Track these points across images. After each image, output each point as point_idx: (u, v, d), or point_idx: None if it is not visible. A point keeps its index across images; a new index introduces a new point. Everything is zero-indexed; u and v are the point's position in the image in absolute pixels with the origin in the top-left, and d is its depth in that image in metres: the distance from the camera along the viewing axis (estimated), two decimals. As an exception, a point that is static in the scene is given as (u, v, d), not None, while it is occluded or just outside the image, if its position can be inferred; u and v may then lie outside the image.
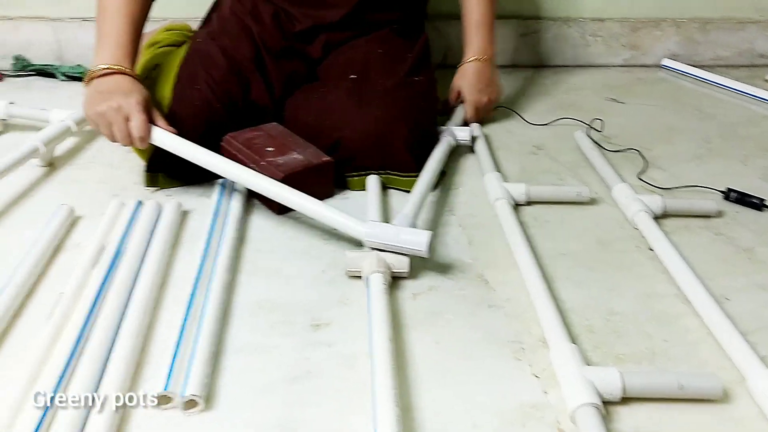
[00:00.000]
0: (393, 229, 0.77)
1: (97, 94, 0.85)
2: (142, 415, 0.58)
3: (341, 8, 1.06)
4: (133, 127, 0.84)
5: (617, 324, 0.72)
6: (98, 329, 0.64)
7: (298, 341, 0.68)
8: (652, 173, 1.07)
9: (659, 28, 1.59)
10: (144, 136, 0.85)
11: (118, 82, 0.86)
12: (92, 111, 0.85)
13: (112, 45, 0.89)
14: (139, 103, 0.85)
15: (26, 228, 0.84)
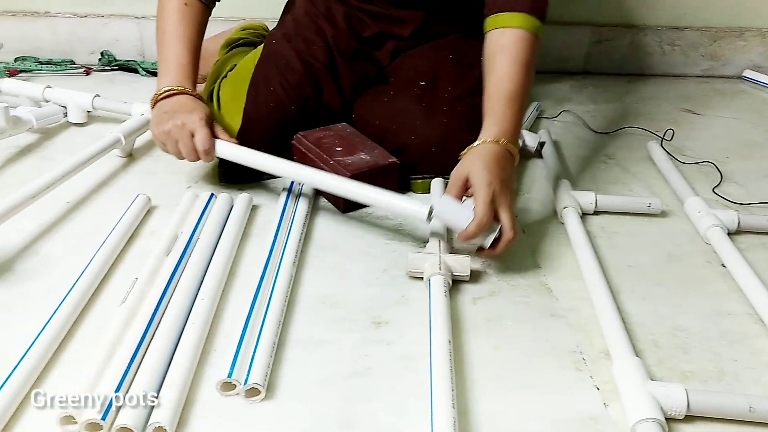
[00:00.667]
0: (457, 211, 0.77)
1: (162, 115, 0.89)
2: (204, 401, 0.60)
3: (410, 24, 1.07)
4: (197, 141, 0.87)
5: (684, 340, 0.70)
6: (169, 315, 0.67)
7: (358, 338, 0.69)
8: (727, 188, 1.04)
9: (742, 38, 1.53)
10: (208, 149, 0.88)
11: (180, 102, 0.90)
12: (158, 131, 0.88)
13: (172, 69, 0.92)
14: (201, 119, 0.88)
15: (105, 215, 0.88)
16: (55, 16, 1.46)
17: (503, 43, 0.86)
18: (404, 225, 0.90)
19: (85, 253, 0.77)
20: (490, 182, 0.76)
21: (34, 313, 0.68)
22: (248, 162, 0.89)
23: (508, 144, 0.82)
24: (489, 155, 0.80)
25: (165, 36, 0.94)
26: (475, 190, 0.77)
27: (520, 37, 0.85)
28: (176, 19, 0.94)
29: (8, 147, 1.06)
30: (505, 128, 0.83)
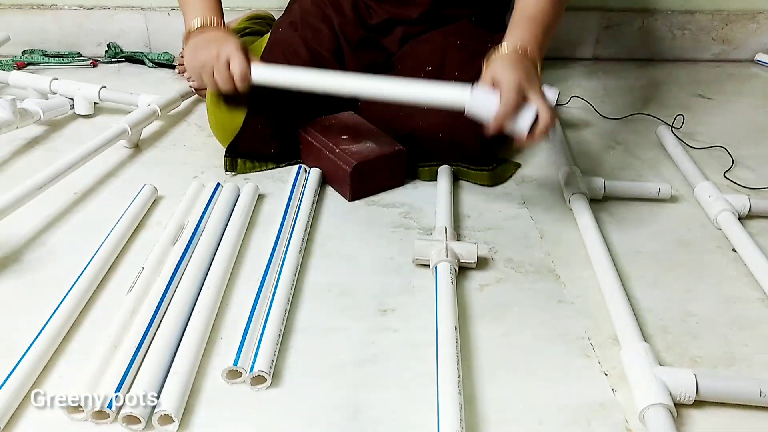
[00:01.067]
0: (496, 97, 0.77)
1: (196, 48, 0.90)
2: (210, 390, 0.60)
3: (419, 6, 1.05)
4: (233, 68, 0.87)
5: (694, 326, 0.69)
6: (174, 304, 0.67)
7: (364, 325, 0.68)
8: (739, 172, 1.02)
9: (755, 21, 1.50)
10: (244, 75, 0.87)
11: (212, 34, 0.91)
12: (194, 63, 0.89)
13: (198, 7, 0.93)
14: (236, 48, 0.88)
15: (112, 205, 0.88)
16: (62, 9, 1.46)
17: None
18: (411, 213, 0.90)
19: (91, 243, 0.77)
20: (515, 73, 0.76)
21: (42, 303, 0.68)
22: (287, 81, 0.88)
23: (531, 51, 0.82)
24: (512, 58, 0.80)
25: None
26: (500, 82, 0.76)
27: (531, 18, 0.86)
28: None
29: (16, 139, 1.07)
30: (527, 39, 0.83)
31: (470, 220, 0.89)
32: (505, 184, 0.98)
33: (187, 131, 1.13)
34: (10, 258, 0.77)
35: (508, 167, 1.01)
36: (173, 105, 1.16)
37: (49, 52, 1.47)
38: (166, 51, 1.49)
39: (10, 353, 0.61)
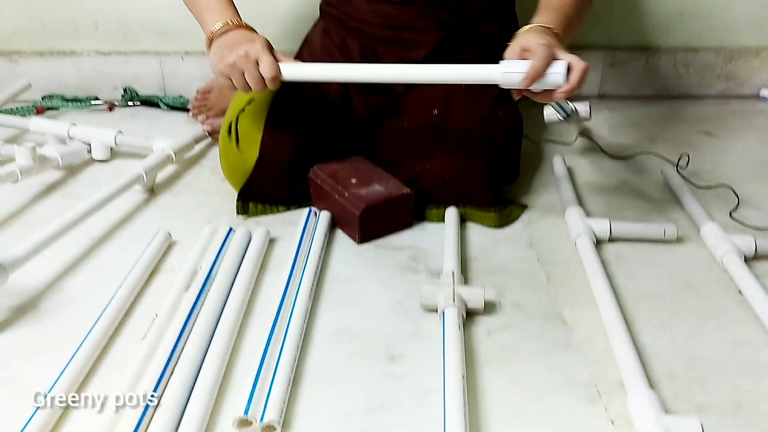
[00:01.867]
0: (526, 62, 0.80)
1: (223, 49, 0.89)
2: (223, 436, 0.61)
3: (424, 47, 1.08)
4: (263, 68, 0.86)
5: (701, 371, 0.70)
6: (187, 352, 0.69)
7: (373, 372, 0.69)
8: (745, 211, 1.03)
9: (759, 57, 1.52)
10: (275, 75, 0.86)
11: (238, 34, 0.90)
12: (222, 65, 0.87)
13: (218, 9, 0.93)
14: (264, 47, 0.87)
15: (127, 250, 0.90)
16: (80, 55, 1.51)
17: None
18: (418, 256, 0.91)
19: (107, 289, 0.79)
20: (543, 38, 0.82)
21: (58, 349, 0.70)
22: (319, 76, 0.89)
23: (554, 30, 0.87)
24: (538, 29, 0.86)
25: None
26: (530, 44, 0.81)
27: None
28: None
29: (35, 184, 1.10)
30: (551, 22, 0.88)
31: (478, 262, 0.90)
32: (513, 225, 0.99)
33: (201, 175, 1.16)
34: (28, 304, 0.79)
35: (514, 208, 1.02)
36: (187, 149, 1.19)
37: (67, 96, 1.51)
38: (180, 95, 1.52)
39: (28, 399, 0.62)
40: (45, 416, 0.60)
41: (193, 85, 1.45)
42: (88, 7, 1.47)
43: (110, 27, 1.49)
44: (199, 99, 1.38)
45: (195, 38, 1.49)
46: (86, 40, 1.50)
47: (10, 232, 0.97)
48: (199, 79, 1.46)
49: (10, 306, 0.78)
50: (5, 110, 1.39)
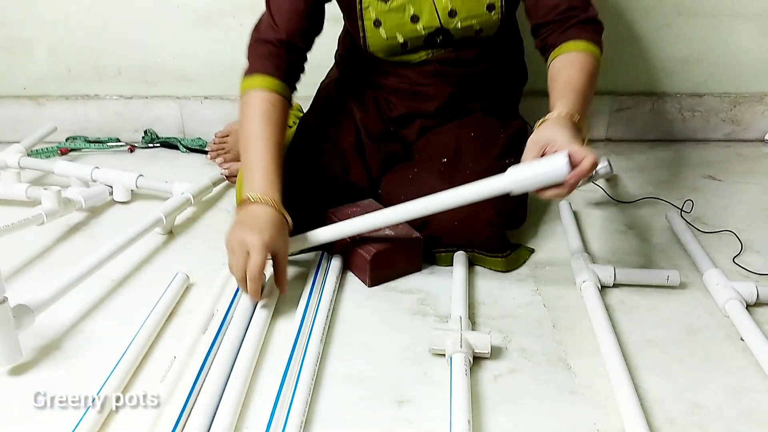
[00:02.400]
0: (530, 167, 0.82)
1: (237, 224, 0.89)
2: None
3: (436, 100, 1.13)
4: (249, 264, 0.85)
5: (702, 418, 0.72)
6: (203, 395, 0.71)
7: (382, 416, 0.72)
8: (748, 257, 1.05)
9: (762, 103, 1.55)
10: (254, 275, 0.84)
11: (257, 215, 0.89)
12: (228, 238, 0.88)
13: (257, 174, 0.93)
14: (263, 244, 0.85)
15: (147, 292, 0.94)
16: (104, 99, 1.57)
17: (569, 60, 0.97)
18: (427, 300, 0.94)
19: (127, 331, 0.83)
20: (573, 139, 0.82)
21: (80, 390, 0.73)
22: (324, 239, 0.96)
23: (578, 120, 0.88)
24: (566, 123, 0.86)
25: (251, 139, 0.95)
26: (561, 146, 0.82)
27: (583, 55, 0.97)
28: (263, 121, 0.96)
29: (59, 226, 1.14)
30: (574, 108, 0.89)
31: (485, 307, 0.92)
32: (519, 269, 1.02)
33: (218, 217, 1.20)
34: (51, 346, 0.83)
35: (522, 253, 1.05)
36: (205, 192, 1.23)
37: (90, 138, 1.57)
38: (198, 137, 1.58)
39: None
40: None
41: (211, 128, 1.51)
42: (112, 53, 1.54)
43: (133, 72, 1.55)
44: (217, 142, 1.43)
45: (213, 83, 1.56)
46: (110, 84, 1.57)
47: (35, 273, 1.01)
48: (217, 122, 1.51)
49: (35, 347, 0.82)
50: (32, 152, 1.45)
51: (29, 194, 1.18)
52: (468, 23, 1.06)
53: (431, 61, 1.11)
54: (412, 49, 1.10)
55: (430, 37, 1.08)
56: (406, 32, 1.07)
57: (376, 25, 1.06)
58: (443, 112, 1.16)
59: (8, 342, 0.75)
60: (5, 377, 0.77)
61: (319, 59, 1.41)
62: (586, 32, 0.99)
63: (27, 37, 1.53)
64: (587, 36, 0.99)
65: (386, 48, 1.09)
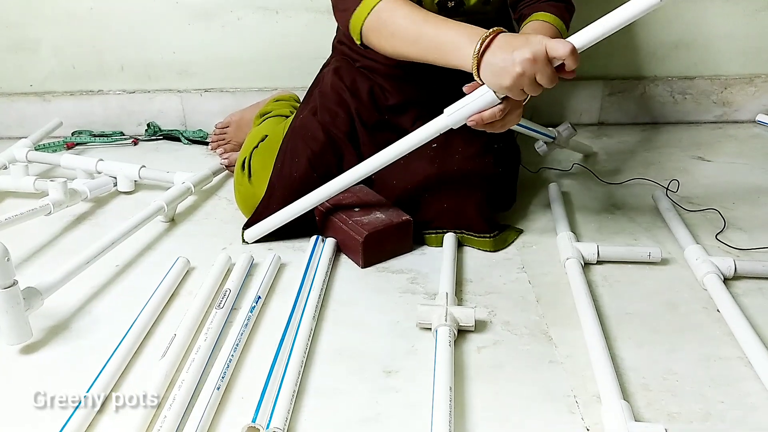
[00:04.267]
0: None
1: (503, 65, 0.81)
2: (233, 443, 0.68)
3: (431, 86, 1.16)
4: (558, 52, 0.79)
5: (674, 383, 0.75)
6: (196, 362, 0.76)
7: (370, 387, 0.76)
8: (731, 234, 1.08)
9: (753, 84, 1.58)
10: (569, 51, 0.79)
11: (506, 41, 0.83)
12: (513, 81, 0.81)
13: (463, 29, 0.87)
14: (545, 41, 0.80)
15: (150, 276, 0.98)
16: (107, 94, 1.62)
17: (534, 26, 1.01)
18: (417, 278, 0.98)
19: (131, 312, 0.87)
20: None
21: (86, 366, 0.77)
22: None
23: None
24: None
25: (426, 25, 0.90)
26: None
27: (549, 25, 1.01)
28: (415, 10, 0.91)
29: (65, 216, 1.19)
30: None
31: (472, 284, 0.96)
32: (507, 249, 1.06)
33: (218, 205, 1.25)
34: (59, 326, 0.88)
35: (510, 233, 1.09)
36: (206, 181, 1.28)
37: (95, 132, 1.62)
38: (200, 129, 1.62)
39: (59, 412, 0.70)
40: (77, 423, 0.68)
41: (211, 119, 1.55)
42: (114, 50, 1.58)
43: (135, 68, 1.60)
44: (217, 133, 1.47)
45: (213, 77, 1.60)
46: (113, 80, 1.61)
47: (44, 259, 1.06)
48: (217, 114, 1.56)
49: (44, 327, 0.87)
50: (39, 146, 1.50)
51: (37, 186, 1.22)
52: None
53: None
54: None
55: (442, 3, 1.06)
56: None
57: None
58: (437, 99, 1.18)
59: (19, 322, 0.80)
60: (17, 355, 0.82)
61: (316, 49, 1.45)
62: (555, 8, 1.04)
63: (33, 37, 1.58)
64: (555, 11, 1.03)
65: None
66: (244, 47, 1.56)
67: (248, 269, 0.98)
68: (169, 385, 0.74)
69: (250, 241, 0.94)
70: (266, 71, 1.57)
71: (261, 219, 1.07)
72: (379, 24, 0.93)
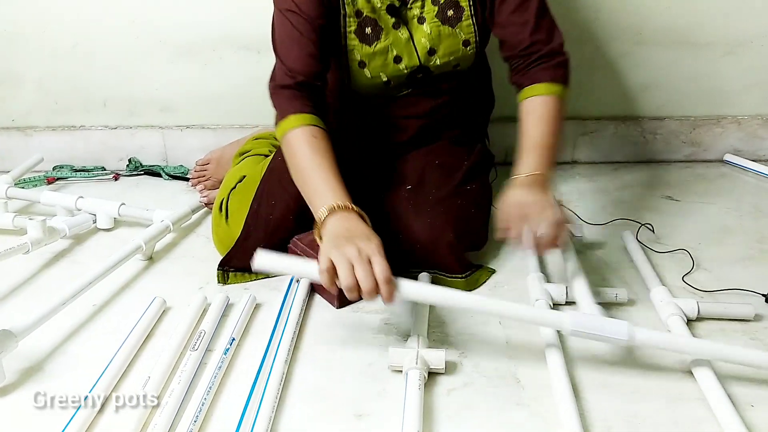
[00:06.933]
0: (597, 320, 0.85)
1: (336, 238, 0.85)
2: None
3: (409, 131, 1.20)
4: (377, 270, 0.81)
5: (637, 426, 0.77)
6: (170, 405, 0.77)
7: (341, 429, 0.77)
8: (697, 275, 1.11)
9: (720, 125, 1.63)
10: (388, 276, 0.82)
11: (351, 223, 0.89)
12: (335, 253, 0.82)
13: (329, 193, 0.92)
14: (379, 247, 0.85)
15: (127, 315, 0.99)
16: (89, 129, 1.64)
17: (530, 108, 1.05)
18: (391, 319, 1.00)
19: (107, 352, 0.88)
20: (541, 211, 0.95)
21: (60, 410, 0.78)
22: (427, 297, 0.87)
23: (539, 175, 0.99)
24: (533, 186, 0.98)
25: (306, 171, 0.97)
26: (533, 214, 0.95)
27: (543, 101, 1.04)
28: (311, 152, 0.97)
29: (43, 253, 1.20)
30: (534, 165, 1.00)
31: (445, 326, 0.98)
32: (480, 289, 1.08)
33: (196, 243, 1.26)
34: (34, 368, 0.88)
35: (482, 273, 1.11)
36: (184, 219, 1.29)
37: (76, 167, 1.63)
38: (180, 164, 1.64)
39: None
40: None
41: (192, 156, 1.57)
42: (97, 86, 1.60)
43: (118, 104, 1.62)
44: (197, 170, 1.49)
45: (195, 113, 1.63)
46: (95, 115, 1.63)
47: (21, 297, 1.07)
48: (198, 150, 1.58)
49: (18, 369, 0.87)
50: (20, 181, 1.51)
51: (15, 223, 1.23)
52: (446, 60, 1.12)
53: (411, 95, 1.18)
54: (395, 87, 1.16)
55: (412, 75, 1.14)
56: (390, 72, 1.12)
57: (361, 66, 1.12)
58: (414, 141, 1.22)
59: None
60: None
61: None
62: (548, 71, 1.05)
63: (16, 71, 1.60)
64: (549, 75, 1.05)
65: (370, 86, 1.14)
66: (226, 85, 1.58)
67: (223, 310, 0.99)
68: (143, 428, 0.75)
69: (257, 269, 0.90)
70: (247, 109, 1.60)
71: (235, 258, 1.08)
72: (286, 146, 1.02)
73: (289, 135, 1.00)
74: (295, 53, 1.04)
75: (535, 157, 1.01)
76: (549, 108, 1.04)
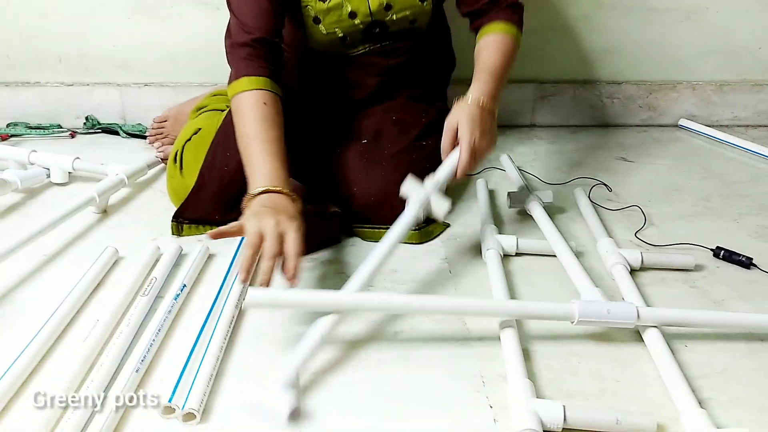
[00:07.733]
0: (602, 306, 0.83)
1: (260, 208, 0.86)
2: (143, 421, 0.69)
3: (366, 88, 1.20)
4: (287, 245, 0.82)
5: (575, 364, 0.80)
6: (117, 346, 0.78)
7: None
8: (648, 231, 1.14)
9: (675, 90, 1.66)
10: (296, 253, 0.82)
11: (277, 200, 0.89)
12: (253, 221, 0.84)
13: (265, 170, 0.92)
14: (300, 229, 0.85)
15: (78, 265, 0.98)
16: (45, 85, 1.61)
17: (488, 41, 1.11)
18: (344, 268, 1.01)
19: (56, 299, 0.87)
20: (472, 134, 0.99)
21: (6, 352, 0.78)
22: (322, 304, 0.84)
23: (488, 103, 1.03)
24: (472, 110, 1.01)
25: (250, 140, 0.96)
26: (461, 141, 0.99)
27: (500, 37, 1.11)
28: (258, 120, 0.97)
29: (-5, 206, 1.18)
30: (486, 91, 1.05)
31: (396, 274, 1.00)
32: (433, 242, 1.10)
33: (152, 197, 1.25)
34: (-19, 313, 0.88)
35: (436, 226, 1.12)
36: (140, 174, 1.28)
37: (31, 124, 1.60)
38: (138, 123, 1.62)
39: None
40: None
41: (151, 114, 1.55)
42: (52, 41, 1.57)
43: (73, 60, 1.59)
44: (155, 127, 1.48)
45: (153, 71, 1.60)
46: (50, 71, 1.60)
47: (-31, 249, 1.05)
48: (156, 108, 1.56)
49: (-35, 314, 0.87)
50: (-29, 138, 1.48)
51: (-34, 176, 1.21)
52: (402, 15, 1.12)
53: (368, 53, 1.18)
54: (351, 43, 1.15)
55: (368, 30, 1.14)
56: (345, 27, 1.12)
57: (316, 22, 1.11)
58: (371, 99, 1.22)
59: (-64, 307, 0.80)
60: (-66, 341, 0.82)
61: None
62: (505, 12, 1.12)
63: (-34, 24, 1.56)
64: (506, 17, 1.11)
65: (326, 42, 1.14)
66: (185, 42, 1.57)
67: (176, 259, 0.99)
68: (90, 368, 0.76)
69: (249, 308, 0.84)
70: (206, 66, 1.58)
71: (189, 210, 1.08)
72: (235, 108, 1.01)
73: (240, 97, 0.99)
74: (249, 8, 1.03)
75: (483, 82, 1.06)
76: (503, 42, 1.10)
